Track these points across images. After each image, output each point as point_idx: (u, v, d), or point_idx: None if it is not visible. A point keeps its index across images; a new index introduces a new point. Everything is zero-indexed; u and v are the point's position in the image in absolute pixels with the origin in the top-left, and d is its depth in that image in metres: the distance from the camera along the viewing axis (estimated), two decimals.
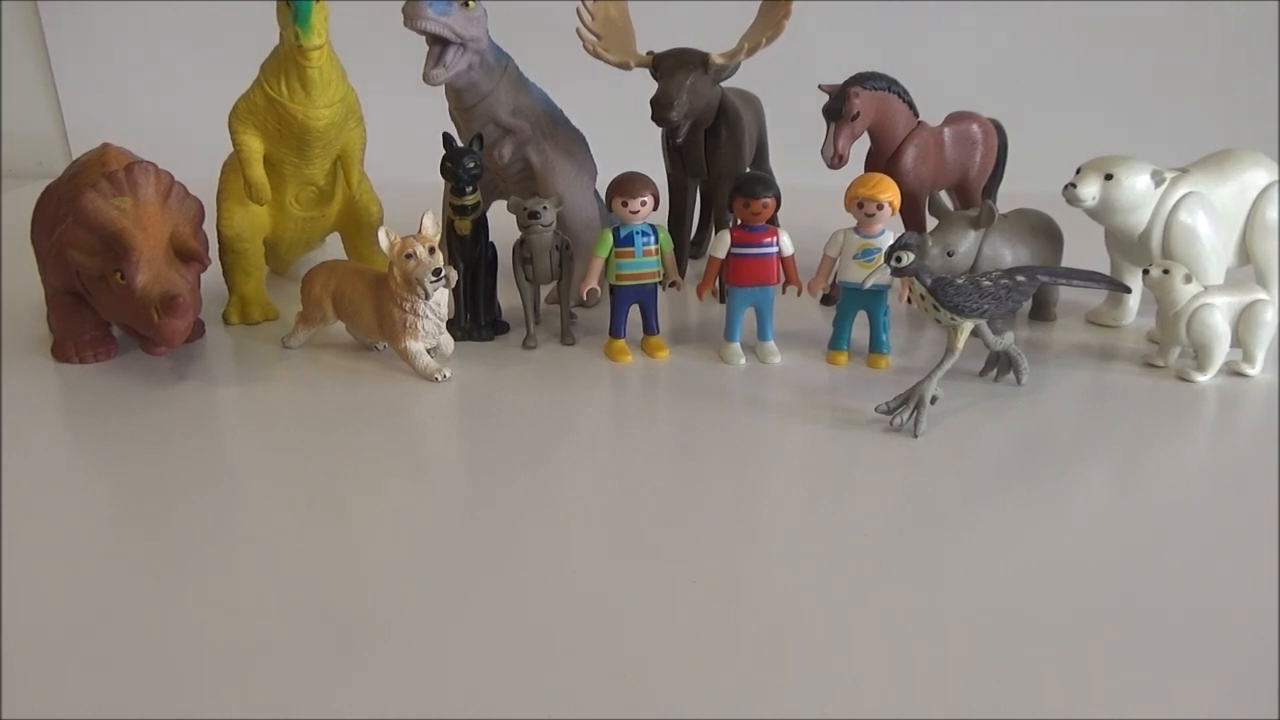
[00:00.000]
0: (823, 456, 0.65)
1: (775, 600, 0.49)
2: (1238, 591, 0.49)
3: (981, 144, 0.95)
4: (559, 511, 0.58)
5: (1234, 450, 0.67)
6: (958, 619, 0.47)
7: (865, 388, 0.73)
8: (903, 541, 0.55)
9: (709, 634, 0.46)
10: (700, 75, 0.84)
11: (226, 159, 0.88)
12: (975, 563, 0.52)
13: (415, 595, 0.50)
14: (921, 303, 0.68)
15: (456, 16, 0.80)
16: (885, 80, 0.87)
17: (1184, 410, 0.71)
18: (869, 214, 0.76)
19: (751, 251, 0.77)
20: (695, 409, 0.71)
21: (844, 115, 0.85)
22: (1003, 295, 0.68)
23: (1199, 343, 0.74)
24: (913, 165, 0.89)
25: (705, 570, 0.51)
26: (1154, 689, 0.42)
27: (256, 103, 0.82)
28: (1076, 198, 0.78)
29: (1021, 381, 0.74)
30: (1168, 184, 0.79)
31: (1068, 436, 0.68)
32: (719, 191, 0.93)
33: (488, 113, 0.86)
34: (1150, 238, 0.80)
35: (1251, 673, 0.43)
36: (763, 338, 0.80)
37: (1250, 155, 0.83)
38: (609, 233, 0.78)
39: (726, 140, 0.90)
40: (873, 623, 0.47)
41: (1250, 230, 0.82)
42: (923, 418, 0.66)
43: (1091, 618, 0.47)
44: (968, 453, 0.65)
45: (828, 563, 0.52)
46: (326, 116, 0.82)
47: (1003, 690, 0.42)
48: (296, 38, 0.77)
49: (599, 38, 0.89)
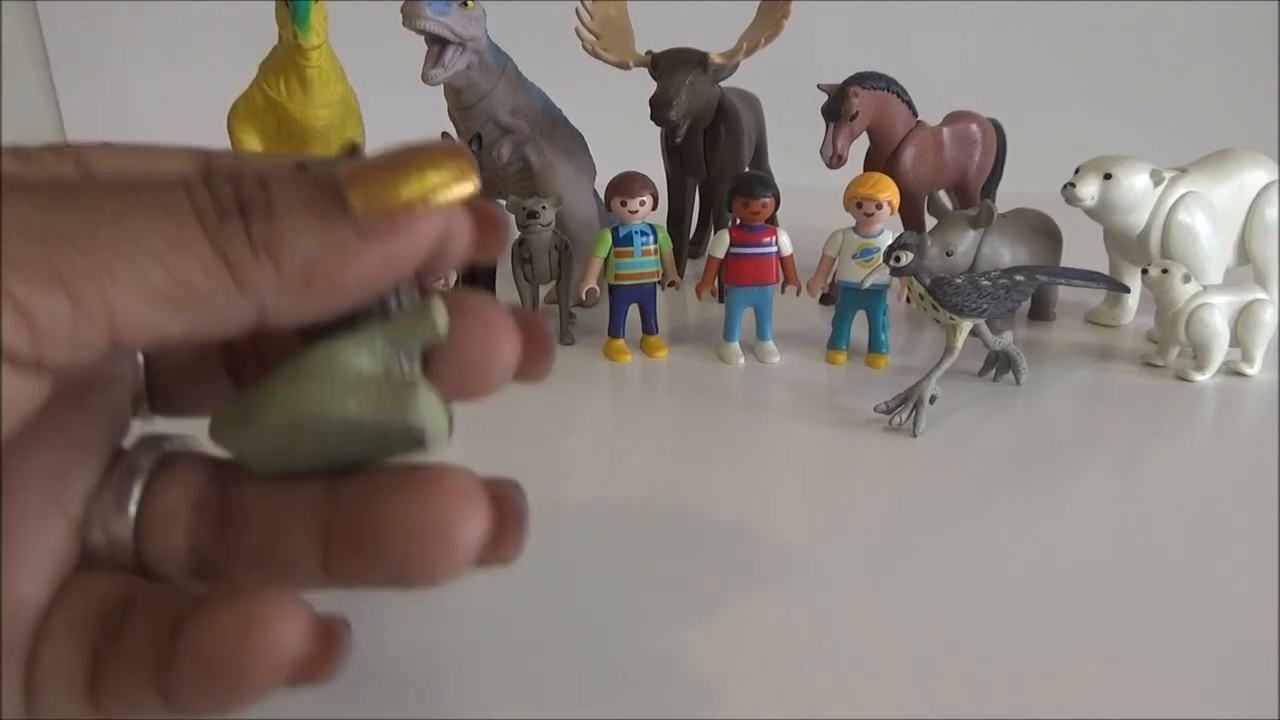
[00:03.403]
0: (822, 456, 0.65)
1: (774, 599, 0.49)
2: (1238, 591, 0.49)
3: (980, 143, 0.95)
4: (558, 511, 0.58)
5: (1233, 450, 0.67)
6: (957, 618, 0.47)
7: (864, 387, 0.73)
8: (901, 541, 0.55)
9: (708, 633, 0.46)
10: (699, 75, 0.84)
11: None
12: (974, 562, 0.52)
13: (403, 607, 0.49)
14: (920, 302, 0.68)
15: (455, 16, 0.80)
16: (884, 80, 0.87)
17: (1183, 410, 0.71)
18: (868, 213, 0.76)
19: (750, 251, 0.77)
20: (694, 409, 0.71)
21: (843, 115, 0.85)
22: (1001, 295, 0.68)
23: (1198, 342, 0.74)
24: (912, 165, 0.89)
25: (704, 569, 0.51)
26: (1154, 688, 0.42)
27: (255, 102, 0.82)
28: (1075, 197, 0.78)
29: (1020, 381, 0.74)
30: (1167, 183, 0.79)
31: (1067, 436, 0.68)
32: (718, 191, 0.93)
33: (486, 112, 0.86)
34: (1149, 237, 0.80)
35: (1251, 672, 0.43)
36: (761, 337, 0.80)
37: (1249, 155, 0.83)
38: (608, 232, 0.78)
39: (725, 140, 0.91)
40: (872, 621, 0.47)
41: (1249, 230, 0.82)
42: (921, 417, 0.66)
43: (1091, 616, 0.47)
44: (967, 452, 0.65)
45: (827, 562, 0.52)
46: (325, 116, 0.82)
47: (1002, 689, 0.42)
48: (295, 37, 0.78)
49: (598, 37, 0.89)
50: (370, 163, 0.24)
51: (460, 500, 0.26)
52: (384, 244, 0.24)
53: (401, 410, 0.26)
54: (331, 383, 0.26)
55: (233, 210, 0.23)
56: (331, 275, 0.24)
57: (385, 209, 0.24)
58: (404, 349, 0.27)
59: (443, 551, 0.26)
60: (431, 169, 0.24)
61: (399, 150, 0.25)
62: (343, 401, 0.26)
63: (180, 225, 0.23)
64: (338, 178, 0.24)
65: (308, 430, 0.26)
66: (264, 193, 0.24)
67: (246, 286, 0.23)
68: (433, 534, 0.26)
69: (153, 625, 0.26)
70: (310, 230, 0.24)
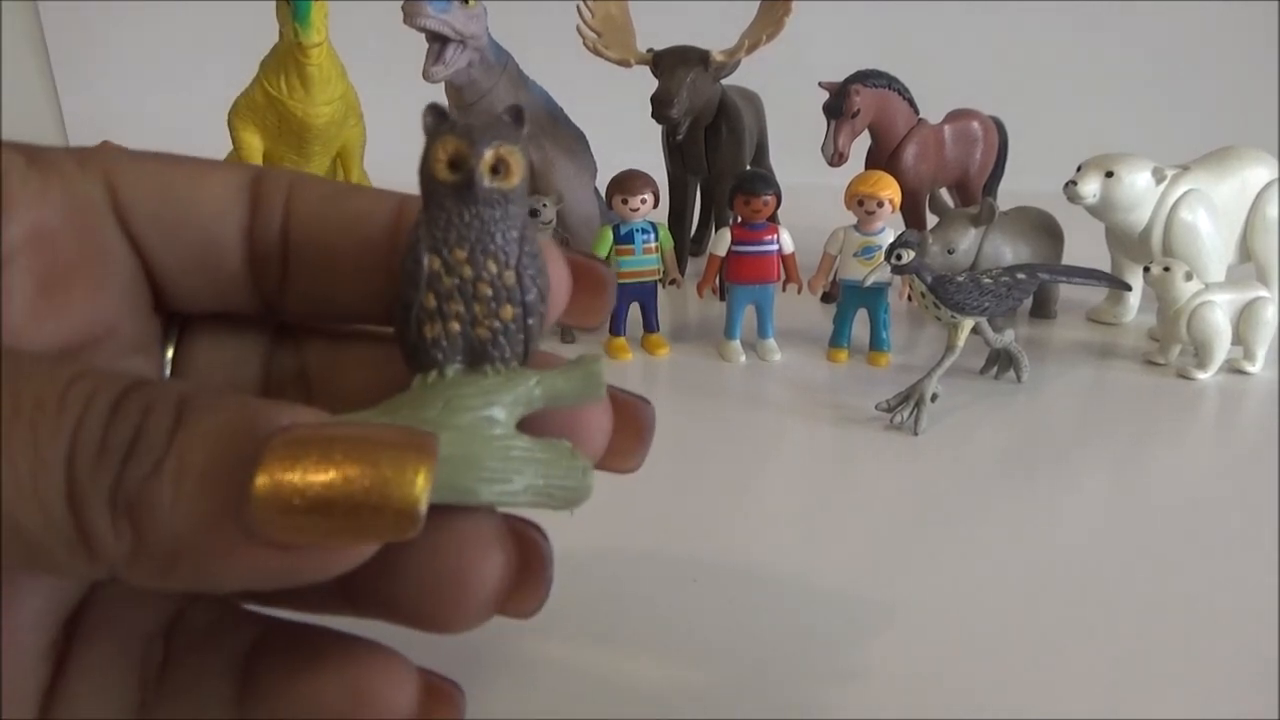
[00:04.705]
0: (823, 454, 0.65)
1: (775, 598, 0.49)
2: (1238, 589, 0.49)
3: (982, 141, 0.95)
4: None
5: (1235, 448, 0.67)
6: (958, 616, 0.47)
7: (865, 385, 0.73)
8: (902, 539, 0.54)
9: (708, 632, 0.46)
10: (700, 73, 0.84)
11: (226, 156, 0.88)
12: (976, 560, 0.52)
13: None
14: (922, 300, 0.68)
15: (456, 14, 0.79)
16: (886, 78, 0.87)
17: (1185, 408, 0.71)
18: (869, 211, 0.76)
19: (752, 249, 0.77)
20: (695, 407, 0.71)
21: (844, 113, 0.85)
22: (1003, 293, 0.68)
23: (1199, 340, 0.74)
24: (913, 163, 0.89)
25: (704, 568, 0.51)
26: (1154, 687, 0.42)
27: (256, 100, 0.82)
28: (1077, 195, 0.78)
29: (1022, 379, 0.74)
30: (1168, 181, 0.79)
31: (1068, 434, 0.68)
32: (719, 189, 0.93)
33: (487, 110, 0.86)
34: (1151, 235, 0.79)
35: (1252, 671, 0.43)
36: (763, 335, 0.80)
37: (1251, 152, 0.83)
38: (609, 230, 0.78)
39: (727, 138, 0.90)
40: (872, 619, 0.47)
41: (1251, 227, 0.82)
42: (923, 415, 0.66)
43: (1092, 615, 0.47)
44: (968, 451, 0.65)
45: (827, 560, 0.52)
46: (326, 114, 0.82)
47: (1003, 687, 0.42)
48: (296, 35, 0.78)
49: (599, 35, 0.88)
50: (312, 434, 0.19)
51: (478, 545, 0.24)
52: (276, 555, 0.19)
53: (568, 485, 0.23)
54: (504, 473, 0.22)
55: (116, 450, 0.18)
56: (199, 571, 0.19)
57: (290, 516, 0.18)
58: (557, 403, 0.24)
59: (457, 600, 0.23)
60: (374, 497, 0.18)
61: (351, 437, 0.19)
62: (517, 495, 0.23)
63: (39, 459, 0.18)
64: (267, 433, 0.19)
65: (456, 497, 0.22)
66: (167, 433, 0.19)
67: (95, 556, 0.19)
68: (448, 581, 0.23)
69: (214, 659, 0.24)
70: (191, 505, 0.18)
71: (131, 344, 0.26)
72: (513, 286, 0.23)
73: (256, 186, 0.26)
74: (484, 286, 0.23)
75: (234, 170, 0.27)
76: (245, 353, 0.29)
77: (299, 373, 0.29)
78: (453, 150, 0.23)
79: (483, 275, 0.23)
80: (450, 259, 0.23)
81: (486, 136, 0.23)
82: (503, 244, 0.23)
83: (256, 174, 0.27)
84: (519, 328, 0.24)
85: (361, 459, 0.19)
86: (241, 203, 0.26)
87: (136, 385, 0.19)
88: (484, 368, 0.24)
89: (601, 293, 0.27)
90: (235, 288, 0.27)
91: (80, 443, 0.18)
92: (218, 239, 0.26)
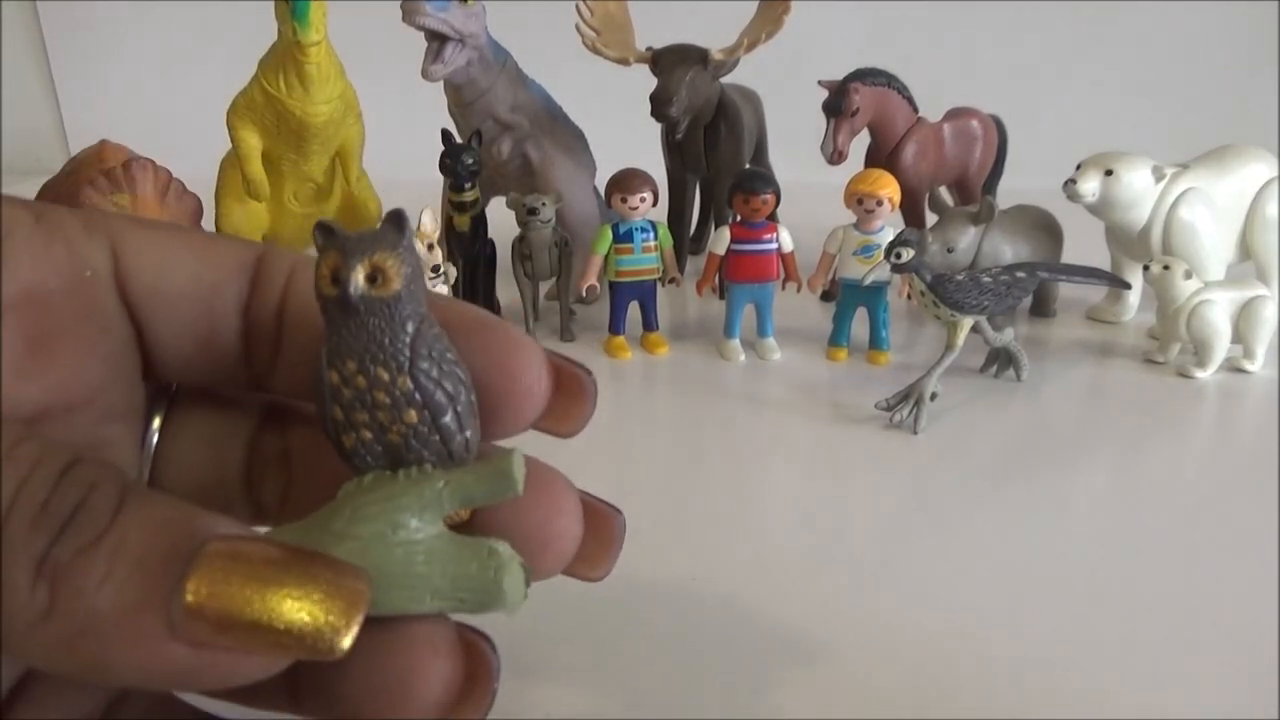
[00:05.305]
0: (822, 453, 0.65)
1: (774, 596, 0.49)
2: (1238, 588, 0.49)
3: (981, 140, 0.95)
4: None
5: (1234, 447, 0.67)
6: (957, 614, 0.47)
7: (865, 384, 0.73)
8: (902, 537, 0.54)
9: (708, 630, 0.46)
10: (700, 71, 0.84)
11: (225, 155, 0.88)
12: (975, 558, 0.52)
13: None
14: (921, 299, 0.68)
15: (455, 13, 0.79)
16: (885, 76, 0.87)
17: (1184, 406, 0.71)
18: (869, 210, 0.76)
19: (751, 248, 0.77)
20: (695, 405, 0.71)
21: (844, 111, 0.85)
22: (1002, 291, 0.68)
23: (1199, 339, 0.74)
24: (912, 161, 0.88)
25: (704, 567, 0.51)
26: (1154, 685, 0.42)
27: (255, 99, 0.82)
28: (1077, 193, 0.78)
29: (1021, 378, 0.74)
30: (1168, 180, 0.79)
31: (1068, 433, 0.68)
32: (718, 187, 0.93)
33: (486, 109, 0.86)
34: (1150, 234, 0.79)
35: (1252, 671, 0.43)
36: (762, 334, 0.80)
37: (1251, 151, 0.83)
38: (608, 229, 0.78)
39: (726, 136, 0.90)
40: (872, 618, 0.47)
41: (1250, 226, 0.82)
42: (922, 414, 0.66)
43: (1092, 613, 0.47)
44: (967, 449, 0.65)
45: (827, 558, 0.52)
46: (324, 113, 0.82)
47: (1003, 685, 0.42)
48: (295, 34, 0.77)
49: (598, 33, 0.88)
50: (251, 550, 0.19)
51: (426, 649, 0.24)
52: (188, 653, 0.19)
53: (480, 592, 0.24)
54: (407, 581, 0.23)
55: (57, 516, 0.18)
56: (103, 653, 0.19)
57: (216, 623, 0.18)
58: (470, 503, 0.24)
59: (401, 701, 0.23)
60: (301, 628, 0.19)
61: (288, 563, 0.20)
62: (422, 602, 0.23)
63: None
64: (204, 536, 0.19)
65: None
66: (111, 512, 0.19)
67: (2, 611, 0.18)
68: (392, 687, 0.23)
69: None
70: (120, 587, 0.18)
71: (114, 411, 0.26)
72: (409, 391, 0.23)
73: (260, 265, 0.27)
74: (380, 394, 0.24)
75: (239, 247, 0.27)
76: (232, 427, 0.29)
77: (283, 452, 0.29)
78: (333, 265, 0.23)
79: (377, 384, 0.23)
80: (344, 371, 0.24)
81: (360, 249, 0.23)
82: (392, 351, 0.23)
83: (261, 252, 0.27)
84: (430, 429, 0.24)
85: (295, 588, 0.19)
86: (243, 280, 0.27)
87: (82, 460, 0.20)
88: (399, 472, 0.24)
89: (582, 400, 0.27)
90: (228, 363, 0.27)
91: (22, 498, 0.18)
92: (215, 313, 0.26)
